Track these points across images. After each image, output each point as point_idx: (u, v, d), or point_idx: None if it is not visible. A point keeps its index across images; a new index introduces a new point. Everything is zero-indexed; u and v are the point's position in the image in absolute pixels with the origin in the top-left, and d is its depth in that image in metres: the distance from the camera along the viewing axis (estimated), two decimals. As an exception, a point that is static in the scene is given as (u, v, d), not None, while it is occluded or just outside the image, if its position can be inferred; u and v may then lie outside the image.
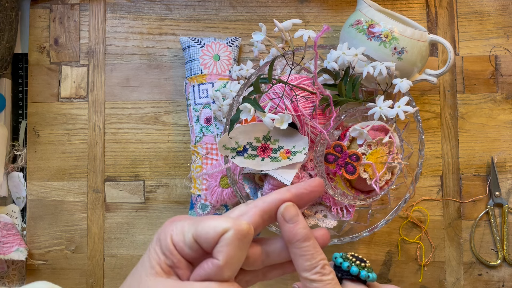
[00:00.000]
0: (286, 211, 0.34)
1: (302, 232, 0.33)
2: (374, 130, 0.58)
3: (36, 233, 0.72)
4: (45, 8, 0.74)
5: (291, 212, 0.34)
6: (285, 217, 0.34)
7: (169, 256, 0.32)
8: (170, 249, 0.32)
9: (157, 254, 0.32)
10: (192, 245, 0.32)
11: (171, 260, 0.32)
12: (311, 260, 0.32)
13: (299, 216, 0.34)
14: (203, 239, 0.31)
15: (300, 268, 0.33)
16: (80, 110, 0.73)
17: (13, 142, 0.74)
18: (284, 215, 0.34)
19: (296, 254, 0.33)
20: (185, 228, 0.32)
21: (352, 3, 0.73)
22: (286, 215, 0.34)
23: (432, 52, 0.73)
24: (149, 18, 0.74)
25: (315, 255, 0.33)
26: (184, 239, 0.32)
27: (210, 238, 0.31)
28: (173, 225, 0.33)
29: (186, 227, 0.32)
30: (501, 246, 0.70)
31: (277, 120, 0.54)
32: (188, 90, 0.69)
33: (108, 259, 0.71)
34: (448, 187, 0.71)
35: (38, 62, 0.74)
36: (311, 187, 0.35)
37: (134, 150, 0.72)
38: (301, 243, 0.33)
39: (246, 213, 0.34)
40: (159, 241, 0.33)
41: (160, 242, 0.32)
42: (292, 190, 0.35)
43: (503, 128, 0.72)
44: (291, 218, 0.33)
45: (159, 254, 0.32)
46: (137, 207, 0.72)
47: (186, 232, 0.32)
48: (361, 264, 0.36)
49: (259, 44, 0.60)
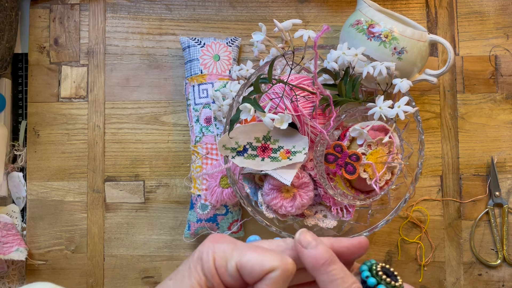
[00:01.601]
0: (302, 236, 0.31)
1: (325, 255, 0.30)
2: (374, 130, 0.58)
3: (36, 233, 0.72)
4: (45, 8, 0.74)
5: (308, 237, 0.31)
6: (302, 243, 0.31)
7: (210, 279, 0.31)
8: (212, 273, 0.31)
9: (198, 274, 0.31)
10: (234, 274, 0.30)
11: (211, 283, 0.31)
12: (343, 285, 0.30)
13: (317, 241, 0.31)
14: (247, 273, 0.30)
15: None
16: (80, 110, 0.73)
17: (13, 142, 0.74)
18: (301, 241, 0.31)
19: (325, 282, 0.30)
20: (228, 253, 0.31)
21: (352, 3, 0.73)
22: (303, 240, 0.31)
23: (432, 52, 0.73)
24: (149, 18, 0.74)
25: (346, 278, 0.30)
26: (227, 266, 0.31)
27: (255, 274, 0.30)
28: (216, 246, 0.32)
29: (229, 253, 0.31)
30: (501, 246, 0.70)
31: (277, 120, 0.54)
32: (188, 90, 0.69)
33: (108, 259, 0.71)
34: (448, 187, 0.71)
35: (38, 62, 0.74)
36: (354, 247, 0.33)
37: (134, 150, 0.72)
38: (326, 268, 0.30)
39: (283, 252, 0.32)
40: (200, 260, 0.32)
41: (202, 262, 0.31)
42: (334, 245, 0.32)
43: (503, 128, 0.72)
44: (309, 243, 0.31)
45: (201, 274, 0.31)
46: (137, 207, 0.72)
47: (229, 258, 0.31)
48: (390, 283, 0.31)
49: (259, 44, 0.60)
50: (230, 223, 0.68)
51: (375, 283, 0.31)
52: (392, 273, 0.32)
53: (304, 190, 0.59)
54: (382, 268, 0.32)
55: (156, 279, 0.71)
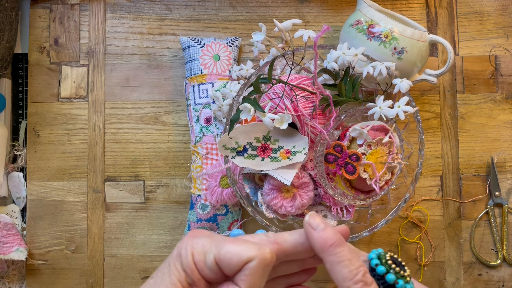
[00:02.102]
0: (311, 219, 0.32)
1: (334, 237, 0.31)
2: (374, 130, 0.58)
3: (36, 233, 0.72)
4: (45, 8, 0.74)
5: (317, 219, 0.32)
6: (311, 225, 0.32)
7: (190, 274, 0.31)
8: (191, 268, 0.31)
9: (177, 271, 0.31)
10: (213, 267, 0.31)
11: (191, 278, 0.31)
12: (350, 266, 0.30)
13: (326, 223, 0.32)
14: (226, 265, 0.30)
15: (339, 278, 0.30)
16: (80, 110, 0.73)
17: (13, 142, 0.74)
18: (311, 223, 0.32)
19: (333, 262, 0.31)
20: (206, 247, 0.31)
21: (352, 3, 0.73)
22: (313, 223, 0.32)
23: (432, 52, 0.73)
24: (149, 18, 0.74)
25: (353, 260, 0.30)
26: (205, 260, 0.31)
27: (233, 265, 0.30)
28: (194, 242, 0.32)
29: (208, 247, 0.31)
30: (501, 246, 0.70)
31: (277, 120, 0.54)
32: (188, 90, 0.69)
33: (108, 259, 0.71)
34: (448, 187, 0.71)
35: (38, 62, 0.74)
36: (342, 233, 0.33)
37: (134, 150, 0.72)
38: (335, 249, 0.31)
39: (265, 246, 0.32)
40: (179, 257, 0.32)
41: (181, 258, 0.32)
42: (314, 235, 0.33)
43: (503, 128, 0.72)
44: (318, 225, 0.32)
45: (180, 270, 0.31)
46: (137, 207, 0.72)
47: (208, 252, 0.31)
48: (399, 273, 0.31)
49: (259, 44, 0.60)
50: (230, 223, 0.68)
51: (384, 271, 0.31)
52: (400, 262, 0.32)
53: (304, 190, 0.59)
54: (391, 258, 0.32)
55: (156, 279, 0.71)
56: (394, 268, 0.31)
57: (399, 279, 0.31)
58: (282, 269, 0.36)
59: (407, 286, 0.31)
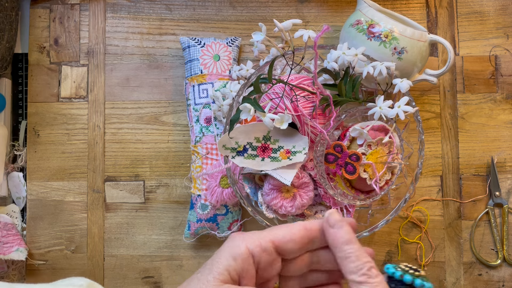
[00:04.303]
0: (330, 217, 0.35)
1: (345, 236, 0.34)
2: (374, 130, 0.58)
3: (36, 233, 0.72)
4: (45, 8, 0.74)
5: (336, 218, 0.35)
6: (330, 223, 0.35)
7: (240, 263, 0.33)
8: (244, 256, 0.33)
9: (226, 260, 0.33)
10: (269, 248, 0.34)
11: (242, 267, 0.33)
12: (356, 262, 0.33)
13: (343, 222, 0.35)
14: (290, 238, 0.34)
15: (346, 271, 0.33)
16: (80, 110, 0.73)
17: (13, 142, 0.74)
18: (329, 221, 0.35)
19: (342, 258, 0.34)
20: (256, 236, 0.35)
21: (352, 3, 0.73)
22: (331, 220, 0.35)
23: (432, 52, 0.73)
24: (149, 18, 0.74)
25: (360, 257, 0.33)
26: (261, 244, 0.34)
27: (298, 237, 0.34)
28: (243, 236, 0.35)
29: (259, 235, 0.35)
30: (501, 246, 0.70)
31: (277, 120, 0.54)
32: (188, 90, 0.69)
33: (108, 259, 0.71)
34: (448, 187, 0.71)
35: (38, 62, 0.74)
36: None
37: (134, 150, 0.72)
38: (344, 246, 0.34)
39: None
40: (229, 249, 0.34)
41: (232, 249, 0.34)
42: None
43: (503, 128, 0.72)
44: (335, 223, 0.34)
45: (229, 259, 0.33)
46: (137, 207, 0.72)
47: (261, 238, 0.34)
48: (415, 273, 0.34)
49: (259, 44, 0.60)
50: (230, 223, 0.68)
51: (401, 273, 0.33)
52: (415, 268, 0.35)
53: (304, 190, 0.59)
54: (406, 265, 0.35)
55: (156, 279, 0.71)
56: (407, 271, 0.34)
57: (415, 279, 0.33)
58: (312, 278, 0.38)
59: (424, 284, 0.33)
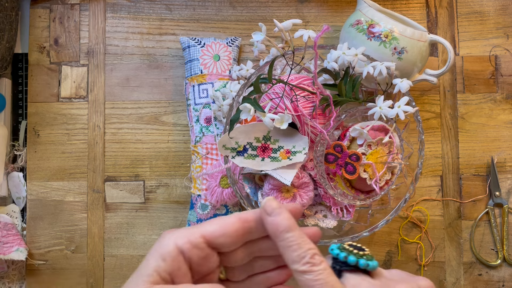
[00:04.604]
0: (267, 204, 0.33)
1: (285, 223, 0.32)
2: (374, 130, 0.58)
3: (36, 233, 0.72)
4: (45, 8, 0.74)
5: (272, 205, 0.33)
6: (267, 211, 0.33)
7: (170, 262, 0.31)
8: (173, 254, 0.31)
9: (155, 260, 0.31)
10: (200, 244, 0.32)
11: (172, 266, 0.31)
12: (298, 250, 0.31)
13: (281, 209, 0.33)
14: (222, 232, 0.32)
15: (289, 261, 0.31)
16: (80, 110, 0.73)
17: (13, 142, 0.74)
18: (266, 208, 0.33)
19: (283, 247, 0.32)
20: (186, 232, 0.33)
21: (352, 3, 0.73)
22: (268, 208, 0.33)
23: (432, 52, 0.73)
24: (149, 18, 0.74)
25: (302, 244, 0.31)
26: (190, 241, 0.32)
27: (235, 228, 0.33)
28: (172, 233, 0.33)
29: (190, 231, 0.33)
30: (501, 246, 0.70)
31: (277, 120, 0.54)
32: (188, 90, 0.69)
33: (108, 259, 0.71)
34: (448, 187, 0.71)
35: (38, 62, 0.74)
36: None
37: (134, 150, 0.72)
38: (284, 234, 0.32)
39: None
40: (158, 248, 0.32)
41: (161, 249, 0.32)
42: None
43: (503, 128, 0.72)
44: (273, 210, 0.32)
45: (158, 260, 0.31)
46: (137, 207, 0.72)
47: (191, 234, 0.32)
48: (359, 253, 0.33)
49: (259, 44, 0.60)
50: (230, 223, 0.68)
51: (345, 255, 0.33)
52: (360, 247, 0.34)
53: (304, 190, 0.59)
54: (350, 245, 0.34)
55: (156, 279, 0.71)
56: (352, 251, 0.33)
57: (359, 259, 0.32)
58: (258, 265, 0.36)
59: (369, 263, 0.32)
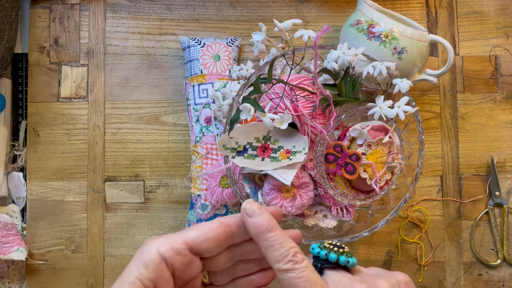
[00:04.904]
0: (247, 206, 0.33)
1: (265, 223, 0.32)
2: (374, 130, 0.58)
3: (36, 233, 0.72)
4: (45, 8, 0.74)
5: (252, 207, 0.33)
6: (247, 213, 0.33)
7: (153, 270, 0.31)
8: (155, 262, 0.31)
9: (137, 269, 0.31)
10: (183, 251, 0.32)
11: (155, 274, 0.31)
12: (280, 249, 0.31)
13: (262, 210, 0.33)
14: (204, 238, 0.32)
15: (272, 260, 0.32)
16: (80, 110, 0.73)
17: (13, 142, 0.74)
18: (246, 211, 0.33)
19: (266, 247, 0.32)
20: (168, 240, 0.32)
21: (352, 3, 0.73)
22: (248, 210, 0.33)
23: (432, 52, 0.73)
24: (149, 18, 0.74)
25: (284, 243, 0.32)
26: (173, 247, 0.32)
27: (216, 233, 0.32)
28: (154, 240, 0.33)
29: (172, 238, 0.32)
30: (501, 246, 0.70)
31: (277, 120, 0.54)
32: (188, 90, 0.69)
33: (108, 259, 0.71)
34: (448, 187, 0.71)
35: (38, 62, 0.74)
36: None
37: (134, 150, 0.72)
38: (266, 234, 0.32)
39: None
40: (140, 256, 0.32)
41: (143, 256, 0.32)
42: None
43: (503, 128, 0.72)
44: (253, 212, 0.33)
45: (141, 268, 0.31)
46: (137, 207, 0.72)
47: (173, 241, 0.32)
48: (339, 250, 0.34)
49: (259, 44, 0.60)
50: (230, 223, 0.68)
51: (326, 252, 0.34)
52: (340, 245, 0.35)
53: (304, 190, 0.59)
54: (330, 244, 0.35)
55: (156, 279, 0.71)
56: (332, 249, 0.34)
57: (340, 256, 0.34)
58: (241, 268, 0.37)
59: (349, 260, 0.34)
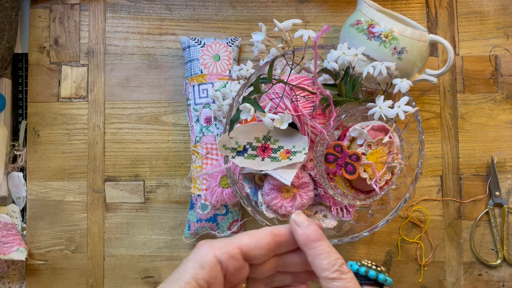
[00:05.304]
0: (297, 217, 0.35)
1: (314, 233, 0.34)
2: (374, 130, 0.58)
3: (36, 233, 0.72)
4: (45, 8, 0.74)
5: (302, 218, 0.35)
6: (297, 223, 0.35)
7: (208, 270, 0.33)
8: (211, 263, 0.33)
9: (194, 268, 0.33)
10: (236, 255, 0.34)
11: (210, 274, 0.33)
12: (328, 258, 0.33)
13: (310, 222, 0.35)
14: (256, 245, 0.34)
15: (318, 268, 0.34)
16: (80, 110, 0.73)
17: (13, 142, 0.74)
18: (296, 221, 0.35)
19: (313, 255, 0.34)
20: (223, 243, 0.34)
21: (352, 3, 0.73)
22: (298, 220, 0.35)
23: (432, 52, 0.73)
24: (149, 18, 0.74)
25: (331, 253, 0.34)
26: (228, 251, 0.34)
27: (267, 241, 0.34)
28: (210, 243, 0.34)
29: (224, 243, 0.34)
30: (501, 246, 0.70)
31: (277, 120, 0.54)
32: (188, 90, 0.69)
33: (108, 259, 0.71)
34: (448, 187, 0.71)
35: (38, 62, 0.74)
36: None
37: (134, 150, 0.72)
38: (315, 243, 0.34)
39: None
40: (197, 257, 0.34)
41: (199, 257, 0.33)
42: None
43: (503, 128, 0.72)
44: (302, 222, 0.35)
45: (197, 268, 0.33)
46: (137, 207, 0.72)
47: (228, 245, 0.34)
48: (377, 269, 0.36)
49: (259, 44, 0.60)
50: (230, 223, 0.68)
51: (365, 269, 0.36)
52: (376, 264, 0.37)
53: (304, 190, 0.59)
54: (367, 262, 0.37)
55: (156, 279, 0.71)
56: (371, 267, 0.36)
57: (379, 274, 0.35)
58: (278, 279, 0.38)
59: (387, 279, 0.36)
